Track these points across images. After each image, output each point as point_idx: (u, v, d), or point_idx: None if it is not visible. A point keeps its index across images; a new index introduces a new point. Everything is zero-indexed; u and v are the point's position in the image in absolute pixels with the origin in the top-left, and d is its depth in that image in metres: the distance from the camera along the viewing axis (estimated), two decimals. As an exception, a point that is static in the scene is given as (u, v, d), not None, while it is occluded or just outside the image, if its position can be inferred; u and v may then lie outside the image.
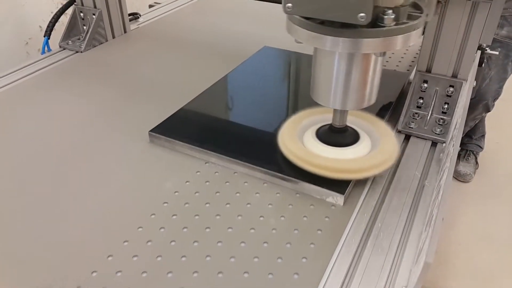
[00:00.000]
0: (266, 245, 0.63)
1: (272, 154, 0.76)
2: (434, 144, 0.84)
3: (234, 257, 0.61)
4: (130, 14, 1.39)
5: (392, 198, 0.71)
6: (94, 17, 1.23)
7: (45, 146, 0.84)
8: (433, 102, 0.87)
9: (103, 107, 0.96)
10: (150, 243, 0.63)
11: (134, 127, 0.88)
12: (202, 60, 1.19)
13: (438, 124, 0.86)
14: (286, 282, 0.58)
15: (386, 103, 0.93)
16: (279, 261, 0.60)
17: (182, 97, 0.94)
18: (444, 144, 0.82)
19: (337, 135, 0.77)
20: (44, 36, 1.24)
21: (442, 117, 0.87)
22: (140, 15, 1.46)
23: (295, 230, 0.65)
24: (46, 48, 1.24)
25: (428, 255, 0.47)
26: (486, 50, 0.93)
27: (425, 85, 0.87)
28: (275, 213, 0.68)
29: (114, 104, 0.98)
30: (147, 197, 0.72)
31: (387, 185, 0.74)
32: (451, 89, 0.86)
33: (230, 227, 0.66)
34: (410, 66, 1.16)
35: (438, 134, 0.84)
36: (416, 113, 0.88)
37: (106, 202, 0.71)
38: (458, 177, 2.06)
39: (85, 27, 1.25)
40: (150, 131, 0.84)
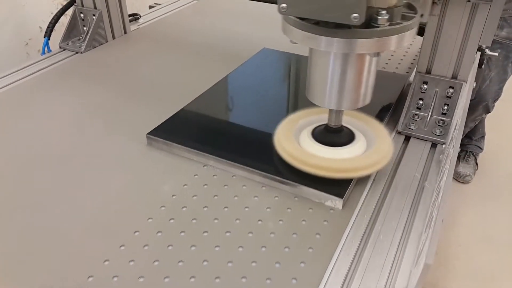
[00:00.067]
0: (264, 249, 0.62)
1: (271, 157, 0.76)
2: (434, 145, 0.84)
3: (231, 261, 0.60)
4: (130, 15, 1.39)
5: (392, 199, 0.71)
6: (94, 18, 1.23)
7: (43, 147, 0.84)
8: (433, 103, 0.87)
9: (102, 109, 0.96)
10: (147, 248, 0.62)
11: (132, 129, 0.88)
12: (201, 61, 1.19)
13: (438, 125, 0.86)
14: (284, 287, 0.57)
15: (386, 105, 0.93)
16: (277, 265, 0.60)
17: (181, 98, 0.94)
18: (444, 145, 0.82)
19: (332, 135, 0.77)
20: (44, 36, 1.24)
21: (442, 118, 0.87)
22: (140, 16, 1.46)
23: (294, 234, 0.65)
24: (46, 48, 1.24)
25: (428, 257, 0.47)
26: (486, 51, 0.93)
27: (425, 86, 0.87)
28: (274, 217, 0.68)
29: (113, 105, 0.98)
30: (144, 200, 0.71)
31: (387, 186, 0.74)
32: (451, 90, 0.86)
33: (228, 231, 0.65)
34: (409, 68, 1.16)
35: (438, 135, 0.84)
36: (416, 114, 0.88)
37: (102, 206, 0.70)
38: (458, 178, 2.06)
39: (85, 28, 1.25)
40: (148, 134, 0.83)
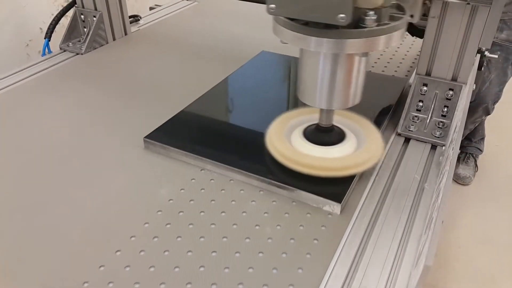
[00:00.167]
0: (261, 255, 0.62)
1: (269, 162, 0.75)
2: (434, 147, 0.84)
3: (228, 267, 0.60)
4: (130, 17, 1.39)
5: (391, 201, 0.71)
6: (94, 19, 1.23)
7: (42, 149, 0.84)
8: (432, 105, 0.87)
9: (102, 111, 0.96)
10: (143, 253, 0.62)
11: (130, 132, 0.87)
12: (201, 63, 1.19)
13: (438, 127, 0.86)
14: (281, 293, 0.57)
15: (386, 107, 0.93)
16: (275, 271, 0.60)
17: (180, 100, 0.94)
18: (443, 147, 0.82)
19: (323, 134, 0.78)
20: (44, 38, 1.24)
21: (441, 120, 0.87)
22: (140, 18, 1.47)
23: (291, 239, 0.64)
24: (47, 50, 1.24)
25: (427, 258, 0.47)
26: (486, 53, 0.93)
27: (424, 88, 0.88)
28: (271, 221, 0.67)
29: (112, 107, 0.98)
30: (141, 205, 0.70)
31: (387, 188, 0.74)
32: (451, 92, 0.86)
33: (225, 237, 0.65)
34: (408, 72, 1.16)
35: (438, 137, 0.84)
36: (415, 116, 0.88)
37: (98, 210, 0.70)
38: (458, 180, 2.06)
39: (85, 29, 1.26)
40: (145, 137, 0.83)
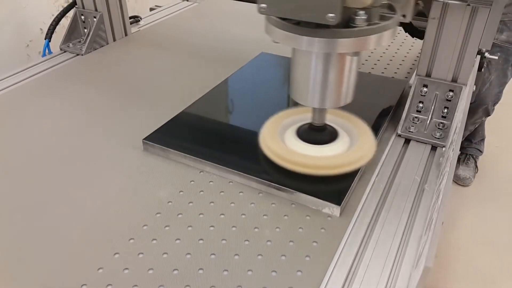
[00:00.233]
0: (260, 257, 0.62)
1: (268, 164, 0.75)
2: (434, 148, 0.84)
3: (227, 270, 0.60)
4: (131, 17, 1.39)
5: (391, 202, 0.71)
6: (95, 20, 1.23)
7: (41, 150, 0.84)
8: (433, 107, 0.87)
9: (102, 112, 0.96)
10: (141, 256, 0.62)
11: (129, 134, 0.87)
12: (200, 64, 1.19)
13: (438, 128, 0.86)
14: (281, 295, 0.57)
15: (386, 108, 0.94)
16: (274, 274, 0.59)
17: (180, 102, 0.94)
18: (444, 148, 0.83)
19: (316, 133, 0.78)
20: (45, 38, 1.24)
21: (442, 121, 0.87)
22: (141, 18, 1.47)
23: (291, 242, 0.64)
24: (47, 50, 1.24)
25: (428, 259, 0.47)
26: (486, 54, 0.93)
27: (425, 89, 0.88)
28: (271, 224, 0.67)
29: (112, 108, 0.98)
30: (140, 207, 0.70)
31: (387, 189, 0.74)
32: (451, 93, 0.86)
33: (224, 239, 0.64)
34: (408, 73, 1.15)
35: (438, 138, 0.84)
36: (416, 117, 0.88)
37: (97, 212, 0.69)
38: (458, 181, 2.06)
39: (86, 30, 1.26)
40: (144, 139, 0.82)
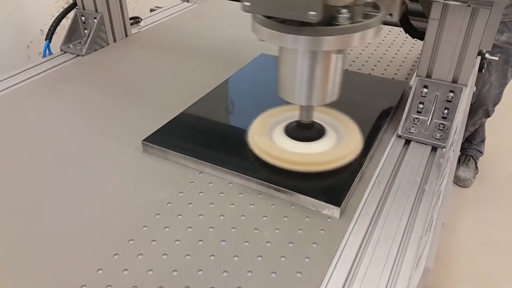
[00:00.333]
0: (260, 258, 0.62)
1: (268, 165, 0.75)
2: (434, 149, 0.84)
3: (227, 271, 0.60)
4: (131, 18, 1.40)
5: (391, 203, 0.71)
6: (95, 21, 1.23)
7: (41, 150, 0.84)
8: (433, 107, 0.87)
9: (101, 112, 0.96)
10: (141, 257, 0.62)
11: (129, 135, 0.87)
12: (200, 65, 1.19)
13: (438, 129, 0.86)
14: (280, 297, 0.57)
15: (386, 109, 0.94)
16: (273, 275, 0.59)
17: (179, 103, 0.94)
18: (444, 149, 0.83)
19: (304, 131, 0.79)
20: (45, 39, 1.24)
21: (442, 122, 0.87)
22: (141, 19, 1.47)
23: (290, 243, 0.64)
24: (47, 51, 1.24)
25: (428, 260, 0.47)
26: (486, 55, 0.93)
27: (425, 90, 0.88)
28: (270, 225, 0.67)
29: (112, 109, 0.98)
30: (139, 208, 0.70)
31: (387, 190, 0.74)
32: (451, 94, 0.86)
33: (223, 240, 0.64)
34: (408, 74, 1.15)
35: (438, 139, 0.84)
36: (416, 118, 0.88)
37: (96, 213, 0.69)
38: (458, 182, 2.06)
39: (86, 31, 1.26)
40: (143, 140, 0.83)
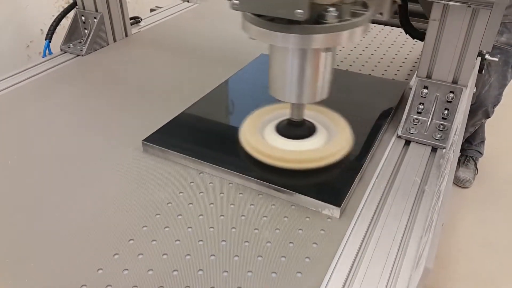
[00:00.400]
0: (260, 258, 0.62)
1: (268, 165, 0.75)
2: (434, 149, 0.84)
3: (227, 271, 0.60)
4: (131, 18, 1.39)
5: (391, 203, 0.71)
6: (95, 20, 1.23)
7: (41, 150, 0.84)
8: (433, 108, 0.87)
9: (101, 112, 0.96)
10: (141, 256, 0.62)
11: (129, 135, 0.87)
12: (201, 65, 1.19)
13: (438, 129, 0.86)
14: (281, 296, 0.57)
15: (386, 110, 0.94)
16: (274, 275, 0.59)
17: (180, 103, 0.94)
18: (444, 149, 0.82)
19: (295, 129, 0.80)
20: (45, 39, 1.24)
21: (442, 123, 0.87)
22: (141, 19, 1.47)
23: (290, 243, 0.64)
24: (47, 51, 1.24)
25: (428, 261, 0.47)
26: (486, 56, 0.93)
27: (425, 91, 0.88)
28: (270, 225, 0.67)
29: (112, 109, 0.98)
30: (139, 208, 0.70)
31: (387, 190, 0.74)
32: (451, 95, 0.86)
33: (223, 240, 0.64)
34: (408, 75, 1.15)
35: (438, 139, 0.84)
36: (416, 118, 0.88)
37: (96, 213, 0.69)
38: (458, 182, 2.06)
39: (86, 31, 1.26)
40: (144, 140, 0.82)
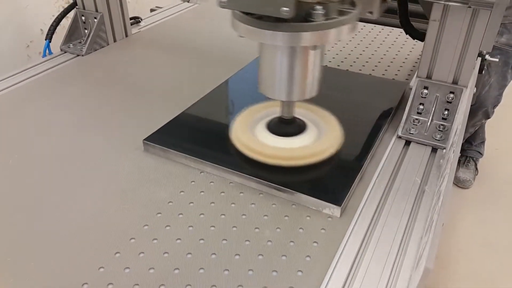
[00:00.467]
0: (261, 257, 0.62)
1: (269, 165, 0.75)
2: (434, 150, 0.84)
3: (228, 269, 0.60)
4: (131, 18, 1.39)
5: (392, 203, 0.71)
6: (95, 20, 1.23)
7: (41, 150, 0.84)
8: (433, 108, 0.87)
9: (102, 112, 0.96)
10: (142, 255, 0.62)
11: (130, 134, 0.87)
12: (201, 65, 1.19)
13: (439, 130, 0.86)
14: (281, 295, 0.57)
15: (386, 110, 0.94)
16: (274, 274, 0.59)
17: (180, 102, 0.94)
18: (444, 150, 0.82)
19: (285, 126, 0.81)
20: (45, 39, 1.24)
21: (442, 123, 0.87)
22: (141, 19, 1.47)
23: (291, 242, 0.64)
24: (47, 51, 1.24)
25: (428, 261, 0.47)
26: (486, 57, 0.93)
27: (425, 91, 0.88)
28: (271, 224, 0.67)
29: (112, 109, 0.98)
30: (140, 207, 0.70)
31: (387, 190, 0.74)
32: (451, 95, 0.86)
33: (224, 239, 0.65)
34: (409, 75, 1.15)
35: (438, 140, 0.84)
36: (416, 119, 0.88)
37: (97, 212, 0.69)
38: (458, 183, 2.06)
39: (86, 31, 1.26)
40: (144, 140, 0.83)
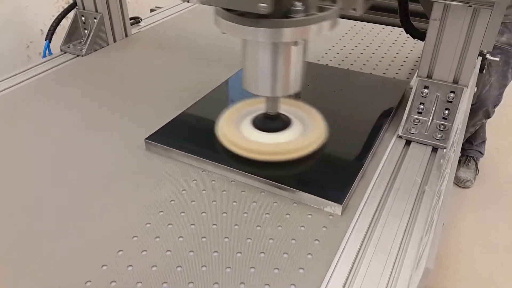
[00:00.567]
0: (263, 255, 0.62)
1: (270, 163, 0.76)
2: (435, 149, 0.84)
3: (230, 267, 0.60)
4: (131, 18, 1.39)
5: (392, 203, 0.71)
6: (95, 21, 1.23)
7: (42, 150, 0.84)
8: (434, 108, 0.87)
9: (103, 112, 0.96)
10: (145, 253, 0.62)
11: (131, 134, 0.87)
12: (201, 65, 1.19)
13: (439, 129, 0.86)
14: (283, 293, 0.57)
15: (387, 110, 0.93)
16: (276, 271, 0.60)
17: (181, 102, 0.94)
18: (444, 149, 0.82)
19: (270, 122, 0.82)
20: (45, 39, 1.24)
21: (442, 122, 0.86)
22: (141, 19, 1.47)
23: (293, 240, 0.65)
24: (47, 51, 1.24)
25: (428, 261, 0.47)
26: (487, 56, 0.93)
27: (426, 90, 0.87)
28: (272, 222, 0.68)
29: (113, 109, 0.98)
30: (142, 205, 0.71)
31: (388, 190, 0.74)
32: (452, 95, 0.86)
33: (226, 237, 0.65)
34: (409, 74, 1.15)
35: (439, 139, 0.84)
36: (417, 118, 0.88)
37: (99, 211, 0.70)
38: (459, 183, 2.06)
39: (86, 31, 1.26)
40: (146, 139, 0.83)
